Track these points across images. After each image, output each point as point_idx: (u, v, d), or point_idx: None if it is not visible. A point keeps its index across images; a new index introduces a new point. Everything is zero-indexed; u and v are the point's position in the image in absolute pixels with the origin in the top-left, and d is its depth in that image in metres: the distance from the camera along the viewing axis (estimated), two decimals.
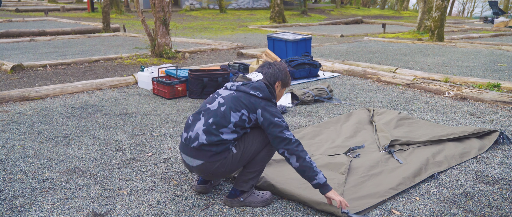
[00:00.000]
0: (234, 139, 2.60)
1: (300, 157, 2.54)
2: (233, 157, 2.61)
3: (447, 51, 9.93)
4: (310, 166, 2.54)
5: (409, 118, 4.61)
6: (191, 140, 2.63)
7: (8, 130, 4.30)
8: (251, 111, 2.60)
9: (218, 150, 2.57)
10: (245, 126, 2.62)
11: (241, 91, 2.66)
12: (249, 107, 2.60)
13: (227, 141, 2.58)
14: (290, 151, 2.55)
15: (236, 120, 2.58)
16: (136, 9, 8.82)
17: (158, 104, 5.28)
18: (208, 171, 2.63)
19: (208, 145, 2.57)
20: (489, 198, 2.89)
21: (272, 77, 2.78)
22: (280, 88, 2.84)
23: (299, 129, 4.27)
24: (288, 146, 2.55)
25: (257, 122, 2.62)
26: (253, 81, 2.74)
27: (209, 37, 13.25)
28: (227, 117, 2.58)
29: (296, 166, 2.56)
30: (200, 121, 2.64)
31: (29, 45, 10.55)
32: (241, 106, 2.60)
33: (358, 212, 2.65)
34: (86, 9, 23.10)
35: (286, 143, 2.55)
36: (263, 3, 28.25)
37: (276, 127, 2.56)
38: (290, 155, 2.55)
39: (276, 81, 2.80)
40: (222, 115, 2.59)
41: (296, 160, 2.54)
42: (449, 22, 19.90)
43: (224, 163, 2.60)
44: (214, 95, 2.76)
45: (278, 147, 2.58)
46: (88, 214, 2.68)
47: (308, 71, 6.76)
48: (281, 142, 2.56)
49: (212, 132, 2.57)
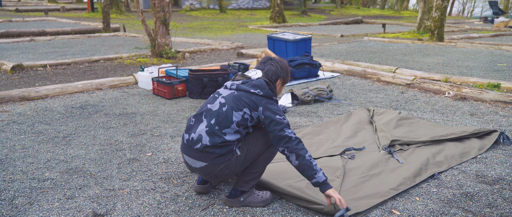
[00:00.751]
0: (237, 140, 2.59)
1: (299, 155, 2.53)
2: (237, 159, 2.60)
3: (447, 51, 9.93)
4: (310, 164, 2.53)
5: (409, 118, 4.61)
6: (194, 142, 2.61)
7: (8, 130, 4.30)
8: (253, 109, 2.60)
9: (222, 152, 2.56)
10: (248, 125, 2.61)
11: (242, 90, 2.66)
12: (251, 105, 2.60)
13: (231, 142, 2.57)
14: (290, 149, 2.54)
15: (239, 119, 2.57)
16: (136, 9, 8.82)
17: (158, 104, 5.28)
18: (211, 172, 2.62)
19: (212, 147, 2.56)
20: (489, 198, 2.89)
21: (274, 75, 2.78)
22: (280, 86, 2.85)
23: (299, 129, 4.27)
24: (288, 144, 2.54)
25: (259, 120, 2.62)
26: (253, 79, 2.73)
27: (209, 37, 13.25)
28: (229, 116, 2.57)
29: (295, 164, 2.55)
30: (202, 122, 2.63)
31: (29, 45, 10.55)
32: (243, 105, 2.59)
33: (359, 212, 2.65)
34: (86, 9, 23.11)
35: (286, 140, 2.54)
36: (263, 3, 28.25)
37: (277, 125, 2.56)
38: (290, 153, 2.55)
39: (278, 79, 2.80)
40: (225, 115, 2.58)
41: (295, 158, 2.54)
42: (449, 22, 19.91)
43: (228, 165, 2.59)
44: (214, 95, 2.75)
45: (278, 144, 2.57)
46: (88, 214, 2.68)
47: (308, 71, 6.76)
48: (281, 139, 2.55)
49: (215, 133, 2.56)
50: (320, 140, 3.97)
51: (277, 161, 3.42)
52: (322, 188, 2.55)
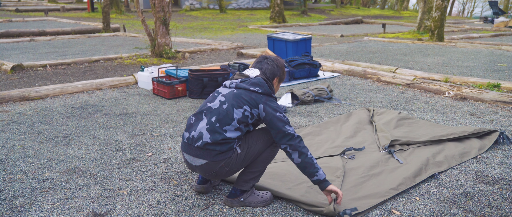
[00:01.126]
0: (237, 137, 2.60)
1: (302, 153, 2.56)
2: (238, 157, 2.61)
3: (447, 51, 9.93)
4: (312, 162, 2.57)
5: (409, 117, 4.61)
6: (195, 139, 2.62)
7: (8, 130, 4.30)
8: (253, 106, 2.61)
9: (222, 149, 2.57)
10: (248, 122, 2.62)
11: (241, 88, 2.67)
12: (251, 103, 2.61)
13: (231, 140, 2.58)
14: (293, 147, 2.56)
15: (239, 116, 2.59)
16: (136, 9, 8.82)
17: (158, 104, 5.28)
18: (211, 170, 2.62)
19: (213, 144, 2.57)
20: (489, 198, 2.89)
21: (271, 74, 2.81)
22: (277, 84, 2.88)
23: (299, 129, 4.27)
24: (291, 141, 2.56)
25: (259, 117, 2.64)
26: (251, 77, 2.74)
27: (209, 37, 13.25)
28: (230, 114, 2.58)
29: (298, 162, 2.58)
30: (203, 120, 2.64)
31: (29, 45, 10.55)
32: (243, 102, 2.61)
33: (359, 212, 2.65)
34: (86, 9, 23.10)
35: (289, 138, 2.56)
36: (263, 3, 28.25)
37: (279, 122, 2.57)
38: (292, 150, 2.57)
39: (275, 78, 2.83)
40: (225, 112, 2.59)
41: (298, 156, 2.56)
42: (449, 22, 19.91)
43: (228, 163, 2.60)
44: (214, 94, 2.76)
45: (280, 142, 2.59)
46: (88, 214, 2.68)
47: (308, 71, 6.76)
48: (284, 137, 2.57)
49: (216, 130, 2.57)
50: (320, 140, 3.97)
51: (277, 161, 3.42)
52: (323, 185, 2.59)
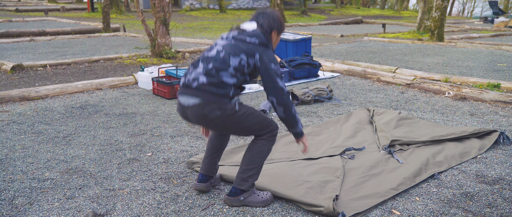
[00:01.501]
0: (233, 85, 2.60)
1: (287, 108, 2.64)
2: (233, 113, 2.60)
3: (447, 51, 9.93)
4: (294, 117, 2.68)
5: (409, 118, 4.61)
6: (191, 81, 2.64)
7: (8, 130, 4.30)
8: (250, 55, 2.62)
9: (218, 92, 2.57)
10: (245, 71, 2.63)
11: (238, 40, 2.69)
12: (248, 52, 2.63)
13: (227, 85, 2.59)
14: (280, 102, 2.63)
15: (236, 65, 2.60)
16: (136, 9, 8.83)
17: (158, 104, 5.28)
18: (202, 113, 2.59)
19: (208, 85, 2.58)
20: (489, 198, 2.89)
21: (268, 27, 2.79)
22: (276, 37, 2.85)
23: None
24: (280, 96, 2.62)
25: (255, 67, 2.65)
26: (249, 30, 2.74)
27: (209, 37, 13.25)
28: (226, 61, 2.61)
29: (282, 116, 2.66)
30: (199, 67, 2.67)
31: (29, 45, 10.55)
32: (240, 51, 2.63)
33: (359, 212, 2.65)
34: (86, 9, 23.11)
35: (278, 92, 2.61)
36: (263, 3, 28.25)
37: (272, 73, 2.61)
38: (278, 105, 2.64)
39: (272, 31, 2.81)
40: (222, 60, 2.61)
41: (283, 111, 2.64)
42: (449, 22, 19.91)
43: (221, 107, 2.57)
44: (212, 45, 2.79)
45: (269, 93, 2.63)
46: (88, 214, 2.68)
47: (308, 71, 6.76)
48: (274, 89, 2.61)
49: (212, 74, 2.59)
50: (320, 140, 3.97)
51: (277, 161, 3.42)
52: (298, 137, 2.76)
